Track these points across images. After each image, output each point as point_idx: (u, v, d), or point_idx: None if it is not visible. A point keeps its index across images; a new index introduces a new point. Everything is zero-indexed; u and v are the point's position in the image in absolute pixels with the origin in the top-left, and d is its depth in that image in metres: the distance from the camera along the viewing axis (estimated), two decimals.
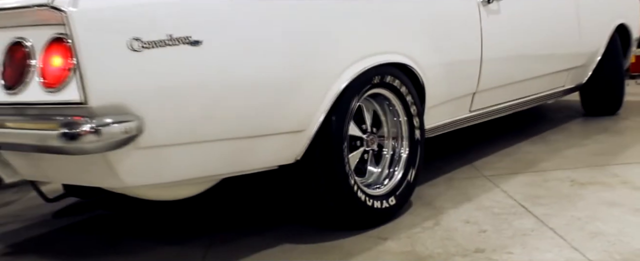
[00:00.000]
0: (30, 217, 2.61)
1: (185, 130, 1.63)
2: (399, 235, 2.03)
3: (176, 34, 1.56)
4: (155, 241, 2.22)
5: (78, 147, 1.46)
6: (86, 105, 1.46)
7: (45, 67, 1.52)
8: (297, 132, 1.88)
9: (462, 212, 2.21)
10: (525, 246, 1.85)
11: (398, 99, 2.18)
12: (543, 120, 3.91)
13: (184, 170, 1.70)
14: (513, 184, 2.50)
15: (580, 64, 3.45)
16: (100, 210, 2.66)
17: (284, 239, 2.06)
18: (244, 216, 2.42)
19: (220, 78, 1.67)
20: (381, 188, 2.16)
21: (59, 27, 1.47)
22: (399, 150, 2.22)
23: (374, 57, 2.05)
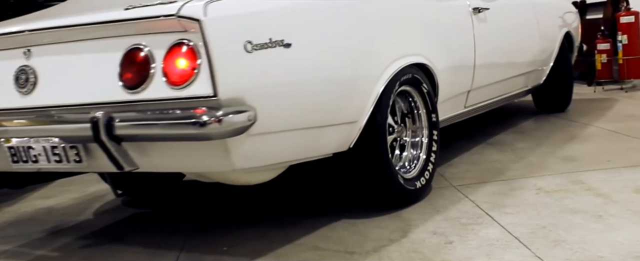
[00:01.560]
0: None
1: (283, 120, 1.91)
2: (366, 248, 2.04)
3: (274, 37, 1.86)
4: (236, 224, 2.40)
5: (208, 133, 1.68)
6: (216, 98, 1.70)
7: (169, 68, 1.76)
8: (352, 122, 2.19)
9: (429, 223, 2.23)
10: (490, 256, 1.87)
11: (419, 94, 2.55)
12: (507, 124, 3.97)
13: (277, 155, 1.99)
14: (481, 194, 2.53)
15: (540, 67, 3.94)
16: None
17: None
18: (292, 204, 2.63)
19: (306, 76, 1.99)
20: (410, 171, 2.50)
21: (181, 34, 1.74)
22: (420, 138, 2.57)
23: (404, 58, 2.41)
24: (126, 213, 2.81)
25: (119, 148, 1.82)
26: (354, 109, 2.19)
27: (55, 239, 2.51)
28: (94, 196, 3.23)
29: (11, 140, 2.03)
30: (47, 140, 1.95)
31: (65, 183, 3.67)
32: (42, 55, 1.98)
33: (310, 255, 2.03)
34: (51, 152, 1.97)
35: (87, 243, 2.42)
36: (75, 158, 1.95)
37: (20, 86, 2.01)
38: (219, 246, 2.20)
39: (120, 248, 2.32)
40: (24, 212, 3.05)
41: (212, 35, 1.69)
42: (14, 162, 2.06)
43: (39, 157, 2.00)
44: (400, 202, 2.41)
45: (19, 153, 2.03)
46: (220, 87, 1.70)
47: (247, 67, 1.78)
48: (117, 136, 1.79)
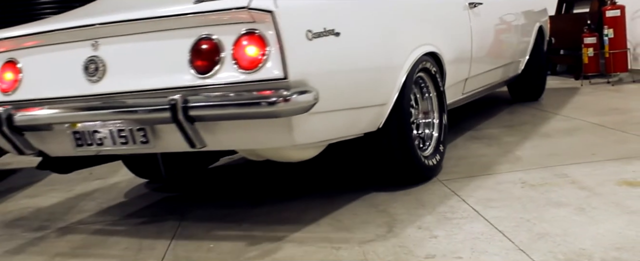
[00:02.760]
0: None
1: (333, 100, 2.10)
2: (352, 244, 2.05)
3: (327, 27, 2.09)
4: (220, 221, 2.44)
5: (278, 111, 1.89)
6: (286, 80, 1.91)
7: (239, 54, 1.96)
8: (382, 105, 2.41)
9: (415, 218, 2.23)
10: (474, 250, 1.88)
11: (431, 80, 2.80)
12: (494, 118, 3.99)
13: (327, 133, 2.21)
14: (467, 188, 2.54)
15: (519, 58, 4.25)
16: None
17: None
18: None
19: (351, 62, 2.22)
20: (426, 149, 2.74)
21: (249, 24, 1.94)
22: (432, 119, 2.83)
23: (421, 48, 2.66)
24: (111, 212, 2.80)
25: (192, 128, 2.00)
26: (384, 93, 2.43)
27: (41, 238, 2.50)
28: (80, 195, 3.22)
29: (77, 125, 2.21)
30: (114, 123, 2.14)
31: (52, 182, 3.66)
32: (110, 46, 2.15)
33: (296, 251, 2.04)
34: (118, 134, 2.16)
35: (72, 242, 2.41)
36: (142, 140, 2.15)
37: (90, 75, 2.16)
38: (204, 243, 2.21)
39: (104, 247, 2.31)
40: (10, 211, 3.04)
41: (282, 25, 1.91)
42: (77, 145, 2.24)
43: (104, 140, 2.19)
44: (420, 177, 2.66)
45: (84, 137, 2.22)
46: (290, 70, 1.91)
47: (308, 53, 2.00)
48: (191, 117, 1.97)
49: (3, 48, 2.34)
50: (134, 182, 3.35)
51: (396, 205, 2.42)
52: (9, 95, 2.32)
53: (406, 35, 2.61)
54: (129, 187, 3.28)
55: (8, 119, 2.24)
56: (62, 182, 3.61)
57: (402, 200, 2.47)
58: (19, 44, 2.30)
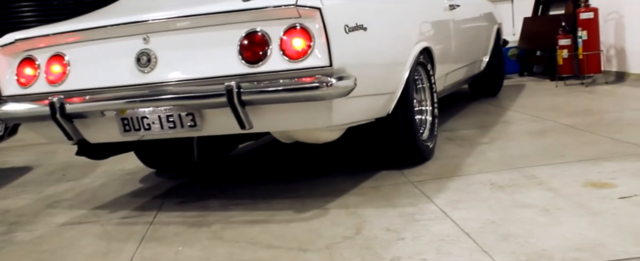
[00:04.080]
0: None
1: (362, 86, 2.32)
2: (319, 245, 2.06)
3: (358, 22, 2.38)
4: (188, 223, 2.45)
5: (324, 94, 2.15)
6: (331, 68, 2.17)
7: (286, 46, 2.21)
8: (393, 92, 2.72)
9: (384, 220, 2.25)
10: (439, 251, 1.90)
11: (425, 72, 3.13)
12: (467, 118, 4.03)
13: (355, 115, 2.49)
14: (437, 189, 2.56)
15: (482, 57, 4.70)
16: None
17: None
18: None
19: (375, 52, 2.53)
20: (424, 133, 3.07)
21: (295, 19, 2.20)
22: (425, 107, 3.17)
23: (420, 43, 3.01)
24: (81, 214, 2.78)
25: (244, 111, 2.22)
26: (395, 81, 2.73)
27: (6, 241, 2.48)
28: (50, 197, 3.19)
29: (126, 111, 2.40)
30: (164, 109, 2.35)
31: (23, 183, 3.62)
32: (161, 40, 2.36)
33: (264, 254, 2.04)
34: (166, 119, 2.37)
35: (39, 245, 2.39)
36: (190, 124, 2.37)
37: (142, 66, 2.36)
38: (173, 246, 2.20)
39: (71, 249, 2.30)
40: None
41: (328, 19, 2.17)
42: (125, 131, 2.46)
43: (152, 125, 2.40)
44: (421, 158, 2.98)
45: (132, 123, 2.43)
46: (334, 59, 2.17)
47: (346, 44, 2.27)
48: (244, 101, 2.20)
49: (50, 43, 2.52)
50: (105, 184, 3.34)
51: (367, 206, 2.43)
52: (56, 86, 2.50)
53: (410, 32, 2.99)
54: (101, 188, 3.26)
55: (61, 107, 2.42)
56: (34, 184, 3.58)
57: (372, 201, 2.49)
58: (65, 38, 2.50)
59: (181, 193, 3.00)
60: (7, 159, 4.63)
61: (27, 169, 4.10)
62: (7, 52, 2.58)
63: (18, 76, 2.58)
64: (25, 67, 2.58)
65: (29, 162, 4.35)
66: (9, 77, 2.59)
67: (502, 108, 4.52)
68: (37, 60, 2.56)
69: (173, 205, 2.78)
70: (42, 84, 2.54)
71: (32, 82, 2.56)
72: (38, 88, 2.54)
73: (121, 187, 3.23)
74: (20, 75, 2.58)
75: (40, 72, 2.55)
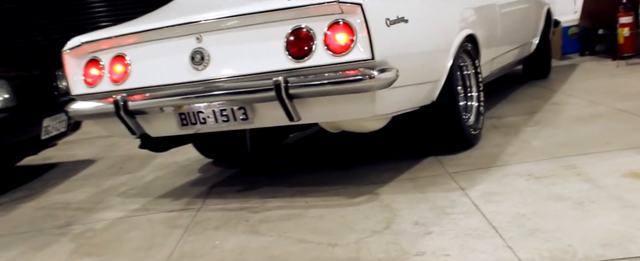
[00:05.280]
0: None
1: (405, 77, 2.40)
2: (348, 240, 2.11)
3: (399, 15, 2.45)
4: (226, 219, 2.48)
5: (368, 86, 2.25)
6: (373, 60, 2.26)
7: (330, 41, 2.31)
8: (436, 81, 2.78)
9: (415, 213, 2.27)
10: (464, 247, 1.91)
11: (469, 59, 3.17)
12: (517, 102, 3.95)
13: (397, 105, 2.56)
14: (473, 181, 2.55)
15: (531, 39, 4.65)
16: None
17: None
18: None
19: (417, 43, 2.60)
20: (469, 119, 3.11)
21: (337, 15, 2.30)
22: (471, 93, 3.20)
23: (463, 31, 3.05)
24: (133, 207, 2.94)
25: (292, 104, 2.34)
26: (438, 70, 2.80)
27: (64, 235, 2.66)
28: (108, 190, 3.38)
29: (183, 107, 2.56)
30: (218, 104, 2.49)
31: (85, 177, 3.85)
32: (212, 39, 2.49)
33: (295, 248, 2.11)
34: (220, 113, 2.51)
35: (91, 238, 2.56)
36: (242, 117, 2.51)
37: (196, 64, 2.49)
38: (211, 240, 2.31)
39: (120, 242, 2.45)
40: (42, 207, 3.22)
41: (370, 15, 2.26)
42: (182, 125, 2.62)
43: (207, 119, 2.55)
44: (467, 144, 3.04)
45: (189, 117, 2.58)
46: (376, 52, 2.25)
47: (387, 37, 2.35)
48: (291, 94, 2.32)
49: (112, 44, 2.68)
50: (158, 177, 3.50)
51: (400, 199, 2.46)
52: (119, 85, 2.67)
53: (453, 21, 3.02)
54: (154, 181, 3.42)
55: (124, 105, 2.59)
56: (94, 177, 3.80)
57: (407, 194, 2.51)
58: (125, 40, 2.66)
59: (228, 184, 3.12)
60: (74, 152, 4.90)
61: (90, 162, 4.34)
62: (74, 54, 2.77)
63: (85, 76, 2.77)
64: (91, 68, 2.76)
65: (93, 155, 4.60)
66: (77, 77, 2.78)
67: (554, 92, 4.40)
68: (102, 61, 2.73)
69: (217, 197, 2.89)
70: (106, 83, 2.72)
71: (97, 82, 2.74)
72: (103, 88, 2.72)
73: (172, 179, 3.39)
74: (87, 76, 2.76)
75: (104, 72, 2.73)
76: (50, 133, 3.81)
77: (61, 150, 4.86)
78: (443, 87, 2.82)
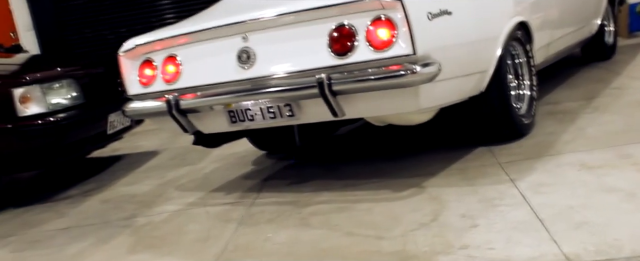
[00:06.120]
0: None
1: (449, 70, 2.43)
2: (395, 233, 2.15)
3: (442, 8, 2.46)
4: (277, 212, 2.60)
5: (411, 81, 2.28)
6: (414, 56, 2.28)
7: (372, 37, 2.35)
8: (484, 71, 2.76)
9: (463, 205, 2.29)
10: (509, 240, 1.92)
11: (521, 46, 3.13)
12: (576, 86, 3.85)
13: (443, 98, 2.58)
14: (523, 171, 2.54)
15: (593, 20, 4.49)
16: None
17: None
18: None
19: (461, 35, 2.59)
20: (521, 109, 3.06)
21: (378, 11, 2.33)
22: (523, 81, 3.16)
23: (514, 18, 3.00)
24: (192, 199, 3.08)
25: (335, 100, 2.40)
26: (486, 60, 2.78)
27: (128, 227, 2.82)
28: (170, 182, 3.54)
29: (232, 105, 2.65)
30: (265, 101, 2.57)
31: (148, 168, 4.04)
32: (258, 38, 2.57)
33: (343, 242, 2.17)
34: (267, 110, 2.59)
35: (153, 231, 2.70)
36: (288, 113, 2.59)
37: (242, 62, 2.58)
38: (264, 233, 2.40)
39: (179, 234, 2.58)
40: (108, 199, 3.41)
41: (410, 10, 2.28)
42: (232, 122, 2.72)
43: (255, 116, 2.64)
44: (517, 134, 3.00)
45: (237, 114, 2.68)
46: (417, 47, 2.28)
47: (430, 31, 2.37)
48: (334, 91, 2.37)
49: (164, 45, 2.80)
50: (217, 168, 3.63)
51: (449, 190, 2.48)
52: (171, 84, 2.78)
53: (501, 10, 2.96)
54: (212, 173, 3.56)
55: (176, 104, 2.71)
56: (157, 169, 3.98)
57: (456, 185, 2.53)
58: (176, 41, 2.76)
59: (281, 177, 3.21)
60: (139, 143, 5.13)
61: (154, 153, 4.54)
62: (130, 56, 2.91)
63: (139, 77, 2.90)
64: (145, 69, 2.89)
65: (156, 146, 4.80)
66: (132, 78, 2.92)
67: (617, 74, 4.26)
68: (155, 62, 2.86)
69: (271, 189, 2.99)
70: (159, 83, 2.84)
71: (151, 82, 2.87)
72: (156, 87, 2.85)
73: (229, 171, 3.51)
74: (142, 76, 2.90)
75: (157, 72, 2.85)
76: (115, 128, 4.01)
77: (127, 142, 5.09)
78: (492, 78, 2.80)
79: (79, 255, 2.55)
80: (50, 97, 3.50)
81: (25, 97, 3.38)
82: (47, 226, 3.07)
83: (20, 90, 3.37)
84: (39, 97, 3.42)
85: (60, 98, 3.56)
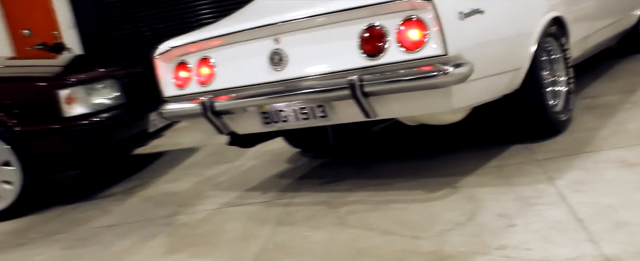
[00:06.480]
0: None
1: (482, 69, 2.42)
2: (431, 232, 2.17)
3: (474, 7, 2.45)
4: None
5: (443, 82, 2.27)
6: (446, 56, 2.28)
7: (403, 37, 2.36)
8: (518, 69, 2.73)
9: (499, 204, 2.29)
10: (546, 240, 1.92)
11: (556, 42, 3.09)
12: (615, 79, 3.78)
13: (475, 97, 2.56)
14: (561, 169, 2.52)
15: (631, 10, 4.39)
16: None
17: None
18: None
19: (494, 34, 2.58)
20: (557, 105, 3.02)
21: (409, 12, 2.33)
22: (558, 77, 3.11)
23: (548, 13, 2.96)
24: (231, 197, 3.15)
25: (367, 102, 2.42)
26: (520, 58, 2.75)
27: (170, 225, 2.90)
28: (209, 179, 3.62)
29: (265, 106, 2.69)
30: (297, 103, 2.60)
31: (188, 166, 4.13)
32: (289, 40, 2.60)
33: (379, 241, 2.20)
34: (300, 111, 2.63)
35: (194, 229, 2.78)
36: (320, 115, 2.61)
37: (274, 64, 2.62)
38: (302, 231, 2.45)
39: (219, 233, 2.65)
40: (151, 197, 3.51)
41: (441, 10, 2.28)
42: (265, 123, 2.75)
43: (288, 117, 2.67)
44: (553, 131, 2.96)
45: (270, 116, 2.71)
46: (449, 47, 2.28)
47: (462, 31, 2.36)
48: (366, 92, 2.38)
49: (198, 48, 2.85)
50: (254, 166, 3.70)
51: (485, 188, 2.48)
52: (206, 86, 2.83)
53: (535, 5, 2.91)
54: (250, 170, 3.62)
55: (211, 106, 2.76)
56: (197, 166, 4.07)
57: (492, 183, 2.53)
58: (209, 43, 2.81)
59: (316, 175, 3.25)
60: (179, 140, 5.23)
61: (193, 150, 4.63)
62: (165, 58, 2.97)
63: (174, 79, 2.96)
64: (180, 71, 2.95)
65: (195, 143, 4.90)
66: (168, 80, 2.98)
67: (628, 55, 4.17)
68: (189, 64, 2.92)
69: (307, 188, 3.03)
70: (194, 85, 2.90)
71: (186, 84, 2.92)
72: (191, 89, 2.90)
73: (266, 169, 3.57)
74: (176, 78, 2.96)
75: (192, 74, 2.91)
76: (156, 126, 4.11)
77: (167, 139, 5.19)
78: (526, 75, 2.77)
79: (124, 253, 2.64)
80: (94, 97, 3.61)
81: (70, 98, 3.50)
82: (93, 223, 3.19)
83: (65, 92, 3.49)
84: (83, 98, 3.54)
85: (103, 98, 3.67)
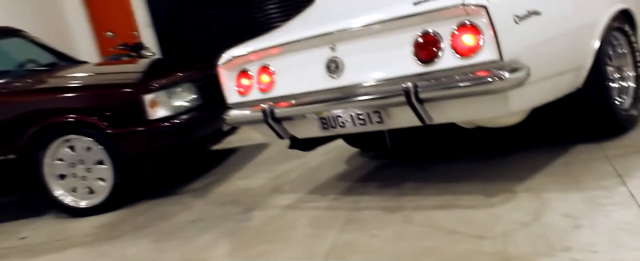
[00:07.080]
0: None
1: (540, 72, 2.40)
2: (496, 232, 2.21)
3: (530, 9, 2.44)
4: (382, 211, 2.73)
5: (501, 87, 2.28)
6: (502, 62, 2.28)
7: (457, 44, 2.37)
8: (580, 68, 2.72)
9: (566, 204, 2.30)
10: (613, 242, 1.92)
11: (624, 37, 3.05)
12: None
13: (534, 99, 2.54)
14: (633, 166, 2.49)
15: None
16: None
17: None
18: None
19: (552, 35, 2.55)
20: (625, 102, 3.00)
21: (463, 18, 2.34)
22: (626, 73, 3.07)
23: (613, 7, 2.94)
24: (301, 194, 3.28)
25: (423, 108, 2.46)
26: (582, 56, 2.72)
27: (248, 221, 3.05)
28: (280, 176, 3.77)
29: (323, 113, 2.77)
30: (355, 109, 2.66)
31: (260, 162, 4.30)
32: (345, 48, 2.66)
33: (444, 240, 2.26)
34: (357, 118, 2.69)
35: (268, 225, 2.92)
36: (377, 120, 2.66)
37: (331, 72, 2.69)
38: (370, 230, 2.54)
39: (290, 230, 2.77)
40: (227, 193, 3.69)
41: (495, 16, 2.28)
42: (324, 128, 2.83)
43: (346, 123, 2.74)
44: (620, 129, 2.92)
45: (329, 121, 2.79)
46: (504, 52, 2.28)
47: (517, 35, 2.36)
48: (421, 99, 2.42)
49: (259, 57, 2.96)
50: (322, 163, 3.81)
51: (552, 187, 2.49)
52: (266, 94, 2.94)
53: (597, 1, 2.88)
54: (318, 168, 3.74)
55: (272, 113, 2.87)
56: (268, 162, 4.23)
57: (559, 181, 2.53)
58: (269, 52, 2.92)
59: (380, 175, 3.32)
60: (251, 136, 5.41)
61: (264, 146, 4.80)
62: (228, 67, 3.09)
63: (237, 87, 3.07)
64: (242, 79, 3.06)
65: (266, 139, 5.06)
66: (231, 88, 3.11)
67: None
68: (251, 72, 3.03)
69: (374, 187, 3.11)
70: (255, 93, 3.00)
71: (248, 92, 3.03)
72: (253, 97, 3.01)
73: (334, 166, 3.67)
74: (239, 86, 3.07)
75: (253, 82, 3.00)
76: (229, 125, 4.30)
77: (240, 135, 5.39)
78: (589, 73, 2.73)
79: (208, 247, 2.82)
80: (174, 100, 3.86)
81: (154, 102, 3.75)
82: (178, 218, 3.40)
83: (150, 97, 3.74)
84: (165, 102, 3.79)
85: (182, 101, 3.91)
